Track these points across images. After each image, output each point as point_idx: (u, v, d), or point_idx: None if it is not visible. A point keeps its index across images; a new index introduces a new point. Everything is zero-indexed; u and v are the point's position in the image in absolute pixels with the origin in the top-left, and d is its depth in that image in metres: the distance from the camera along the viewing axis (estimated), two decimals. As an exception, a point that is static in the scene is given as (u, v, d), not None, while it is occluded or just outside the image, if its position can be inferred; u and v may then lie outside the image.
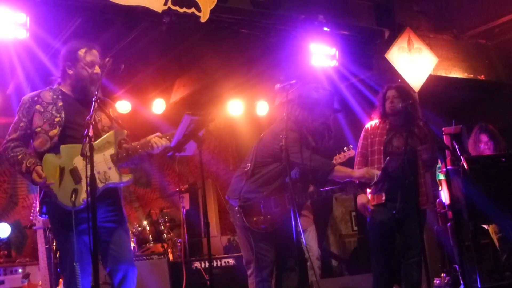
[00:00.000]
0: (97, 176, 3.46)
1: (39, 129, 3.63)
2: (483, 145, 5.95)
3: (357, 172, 4.47)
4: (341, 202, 9.08)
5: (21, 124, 3.67)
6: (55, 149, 3.59)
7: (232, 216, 4.50)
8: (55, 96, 3.72)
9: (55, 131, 3.61)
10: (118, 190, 3.80)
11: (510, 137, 6.18)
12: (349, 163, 5.38)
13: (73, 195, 3.49)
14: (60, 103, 3.69)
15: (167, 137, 3.76)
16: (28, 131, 3.66)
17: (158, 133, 3.78)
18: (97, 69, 3.72)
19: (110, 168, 3.65)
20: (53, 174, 3.54)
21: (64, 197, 3.52)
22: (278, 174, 4.36)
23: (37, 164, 3.55)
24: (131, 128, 3.94)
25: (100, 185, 3.55)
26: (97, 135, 3.67)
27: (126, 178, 3.71)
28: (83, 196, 3.52)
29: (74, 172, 3.57)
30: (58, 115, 3.64)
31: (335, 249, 9.11)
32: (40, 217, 5.57)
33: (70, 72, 3.75)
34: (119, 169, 3.69)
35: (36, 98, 3.71)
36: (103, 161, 3.63)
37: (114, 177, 3.66)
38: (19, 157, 3.59)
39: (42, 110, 3.66)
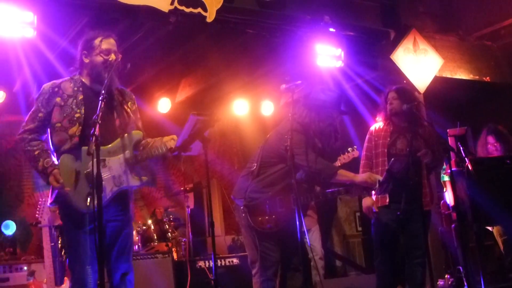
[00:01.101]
0: (112, 180, 3.54)
1: (59, 125, 3.60)
2: (490, 146, 5.94)
3: (360, 176, 4.47)
4: (345, 203, 9.08)
5: (40, 115, 3.63)
6: (74, 150, 3.57)
7: (238, 215, 4.52)
8: (75, 88, 3.69)
9: (75, 129, 3.58)
10: (129, 190, 3.79)
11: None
12: (354, 163, 5.39)
13: (89, 199, 3.42)
14: (81, 97, 3.66)
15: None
16: (46, 122, 3.63)
17: (173, 136, 3.76)
18: (112, 57, 3.68)
19: (125, 172, 3.64)
20: (69, 177, 3.53)
21: (79, 200, 3.51)
22: (284, 174, 4.35)
23: (54, 167, 3.53)
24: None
25: (114, 188, 3.55)
26: (114, 133, 3.66)
27: (140, 181, 3.71)
28: None
29: (90, 176, 3.51)
30: (78, 111, 3.61)
31: (339, 249, 9.11)
32: (49, 206, 5.60)
33: (86, 60, 3.72)
34: (133, 171, 3.68)
35: (56, 89, 3.67)
36: (118, 164, 3.63)
37: (128, 180, 3.65)
38: (36, 153, 3.57)
39: (63, 103, 3.63)
